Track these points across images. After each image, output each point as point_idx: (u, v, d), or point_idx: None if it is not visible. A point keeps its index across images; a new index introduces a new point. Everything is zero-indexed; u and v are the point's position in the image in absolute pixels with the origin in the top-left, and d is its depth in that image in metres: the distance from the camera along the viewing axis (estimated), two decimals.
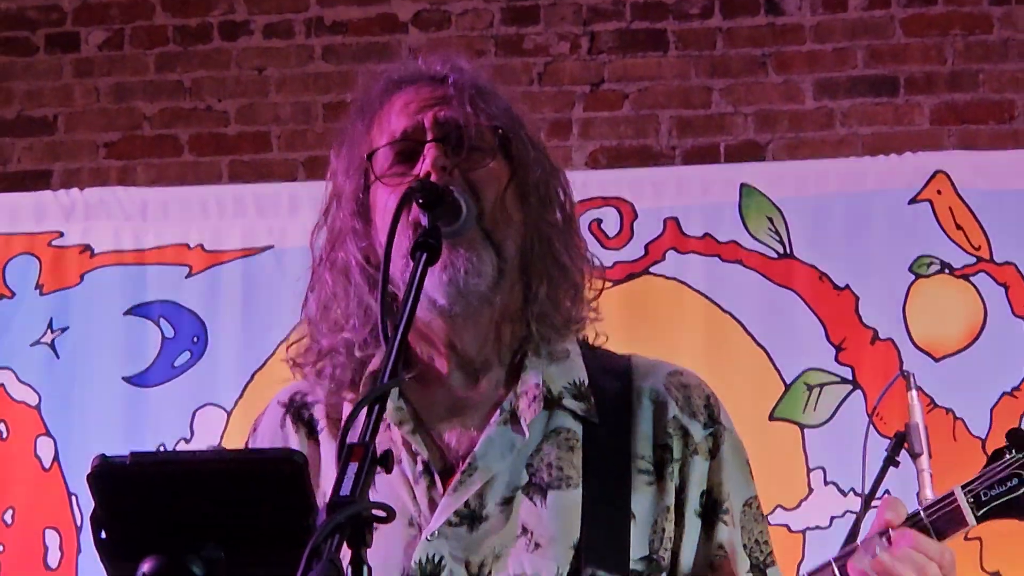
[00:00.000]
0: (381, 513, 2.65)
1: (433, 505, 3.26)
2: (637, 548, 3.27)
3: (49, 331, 7.44)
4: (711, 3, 8.03)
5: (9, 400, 7.43)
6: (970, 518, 3.18)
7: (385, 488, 3.18)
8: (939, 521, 3.20)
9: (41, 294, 7.47)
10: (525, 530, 3.25)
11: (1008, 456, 3.17)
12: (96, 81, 8.33)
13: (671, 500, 3.30)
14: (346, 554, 2.53)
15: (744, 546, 3.37)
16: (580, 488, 3.30)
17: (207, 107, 8.22)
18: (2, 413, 7.43)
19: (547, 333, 3.39)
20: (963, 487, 3.19)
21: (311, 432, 3.39)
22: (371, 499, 2.65)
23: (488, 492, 3.28)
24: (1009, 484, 3.17)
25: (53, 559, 7.32)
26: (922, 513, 3.19)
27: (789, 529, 6.73)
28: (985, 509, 3.17)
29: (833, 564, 3.26)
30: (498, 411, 3.32)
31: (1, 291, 7.54)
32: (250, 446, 3.48)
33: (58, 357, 7.45)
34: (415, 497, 3.27)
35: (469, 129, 3.28)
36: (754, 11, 7.98)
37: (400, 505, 3.25)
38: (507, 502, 3.27)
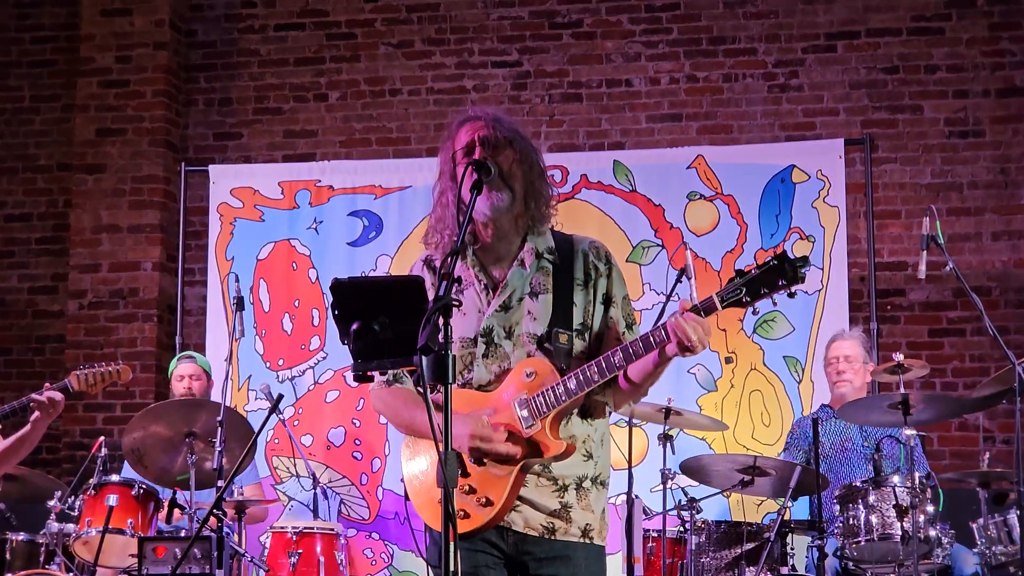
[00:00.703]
0: (456, 303, 3.21)
1: (489, 303, 3.56)
2: (577, 319, 3.57)
3: (315, 222, 7.99)
4: (601, 81, 8.21)
5: (297, 253, 7.97)
6: (719, 306, 3.33)
7: (470, 297, 3.58)
8: (704, 307, 3.34)
9: (311, 206, 8.01)
10: (529, 312, 3.55)
11: (736, 280, 3.33)
12: (341, 113, 8.53)
13: (591, 297, 3.58)
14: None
15: (623, 317, 3.61)
16: (551, 293, 3.56)
17: (383, 126, 8.45)
18: (295, 259, 7.98)
19: (537, 223, 3.59)
20: (716, 293, 3.36)
21: (435, 272, 3.54)
22: (453, 297, 3.12)
23: (513, 296, 3.56)
24: (738, 293, 3.32)
25: (316, 324, 7.93)
26: (697, 304, 3.34)
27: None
28: (726, 302, 3.32)
29: (660, 327, 3.36)
30: (516, 260, 3.59)
31: (292, 205, 8.03)
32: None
33: (318, 234, 7.99)
34: (481, 299, 3.57)
35: (493, 139, 3.52)
36: (608, 92, 8.28)
37: (476, 303, 3.58)
38: (520, 300, 3.56)
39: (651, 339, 3.40)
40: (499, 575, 3.51)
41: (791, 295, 3.36)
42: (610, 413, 3.73)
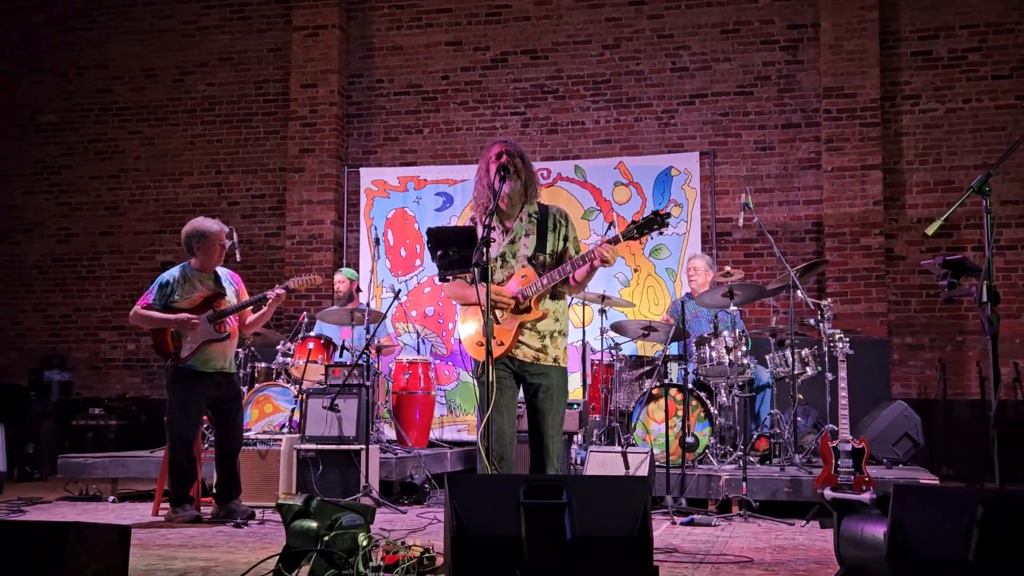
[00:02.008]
0: (493, 239, 3.19)
1: (505, 240, 3.42)
2: (549, 248, 3.40)
3: (417, 199, 7.63)
4: (569, 122, 8.03)
5: (408, 214, 7.63)
6: (622, 239, 3.21)
7: (498, 238, 3.40)
8: (612, 240, 3.21)
9: (415, 190, 7.65)
10: (524, 244, 3.40)
11: (631, 225, 3.22)
12: (430, 141, 8.26)
13: (557, 237, 3.42)
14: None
15: (573, 246, 3.44)
16: (535, 235, 3.40)
17: (453, 147, 8.12)
18: (406, 218, 7.57)
19: (532, 199, 3.42)
20: (620, 232, 3.23)
21: (477, 224, 3.37)
22: (491, 237, 3.12)
23: (516, 236, 3.41)
24: (632, 232, 3.19)
25: (418, 252, 7.62)
26: (609, 238, 3.21)
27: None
28: (625, 237, 3.19)
29: (589, 251, 3.24)
30: (518, 218, 3.42)
31: (405, 189, 7.60)
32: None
33: (419, 205, 7.60)
34: (501, 238, 3.42)
35: (511, 152, 3.38)
36: (571, 128, 7.94)
37: (499, 240, 3.41)
38: (520, 238, 3.41)
39: (584, 258, 3.30)
40: (511, 383, 3.41)
41: (661, 233, 3.30)
42: (567, 298, 3.60)
